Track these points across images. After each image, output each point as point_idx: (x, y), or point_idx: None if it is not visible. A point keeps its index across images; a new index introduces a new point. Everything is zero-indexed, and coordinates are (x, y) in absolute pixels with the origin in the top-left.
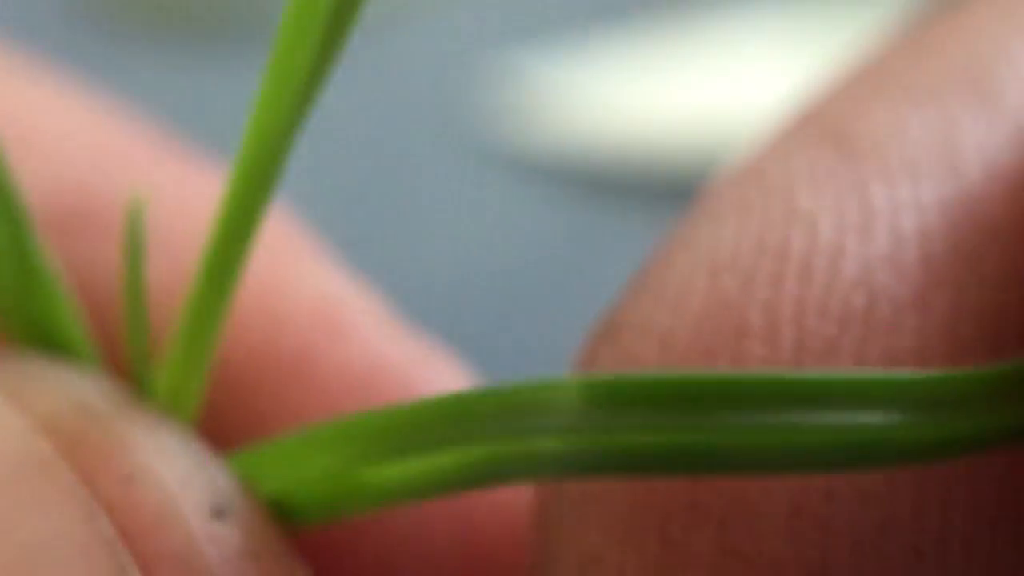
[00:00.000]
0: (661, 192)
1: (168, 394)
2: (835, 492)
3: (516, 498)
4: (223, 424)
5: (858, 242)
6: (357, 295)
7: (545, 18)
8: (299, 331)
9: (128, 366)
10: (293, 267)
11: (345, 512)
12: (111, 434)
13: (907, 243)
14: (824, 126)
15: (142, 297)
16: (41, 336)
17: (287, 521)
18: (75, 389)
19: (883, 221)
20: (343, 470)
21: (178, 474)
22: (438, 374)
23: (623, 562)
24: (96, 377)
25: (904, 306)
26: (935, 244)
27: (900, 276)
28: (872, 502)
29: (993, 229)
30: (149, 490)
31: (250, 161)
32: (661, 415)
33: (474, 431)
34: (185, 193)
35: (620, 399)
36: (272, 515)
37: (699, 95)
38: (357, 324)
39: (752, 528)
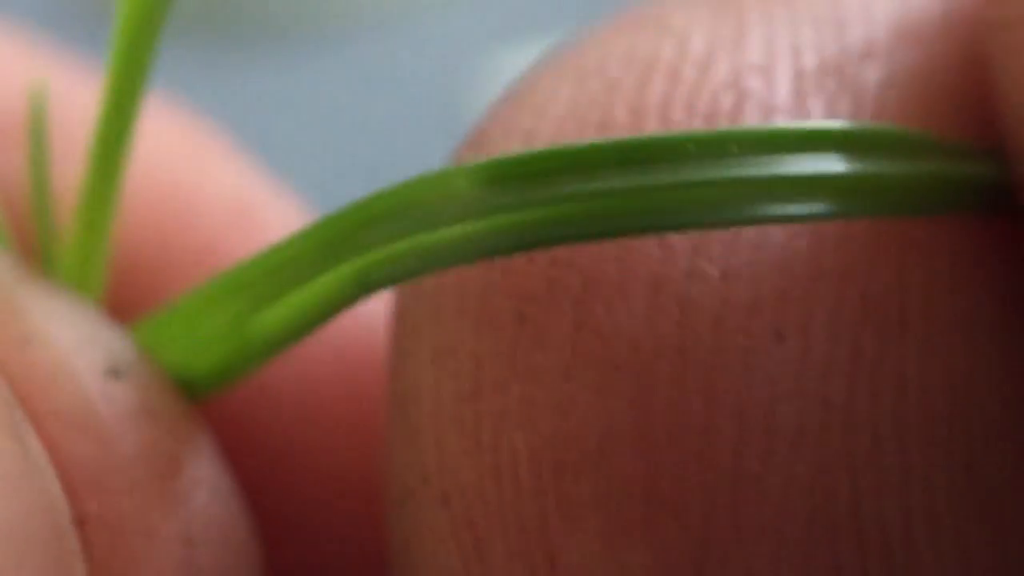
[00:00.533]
0: None
1: (72, 272)
2: (697, 271)
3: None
4: (133, 312)
5: (730, 52)
6: (271, 193)
7: (538, 20)
8: (211, 224)
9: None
10: (208, 164)
11: (248, 365)
12: (8, 300)
13: (780, 55)
14: None
15: (46, 181)
16: None
17: (188, 393)
18: None
19: (756, 34)
20: (237, 323)
21: (73, 336)
22: None
23: (477, 348)
24: (1, 254)
25: (775, 110)
26: (808, 58)
27: (771, 83)
28: (736, 282)
29: (867, 52)
30: (44, 351)
31: (124, 48)
32: (555, 185)
33: (369, 238)
34: (86, 101)
35: (510, 176)
36: (170, 380)
37: None
38: (268, 219)
39: (610, 305)
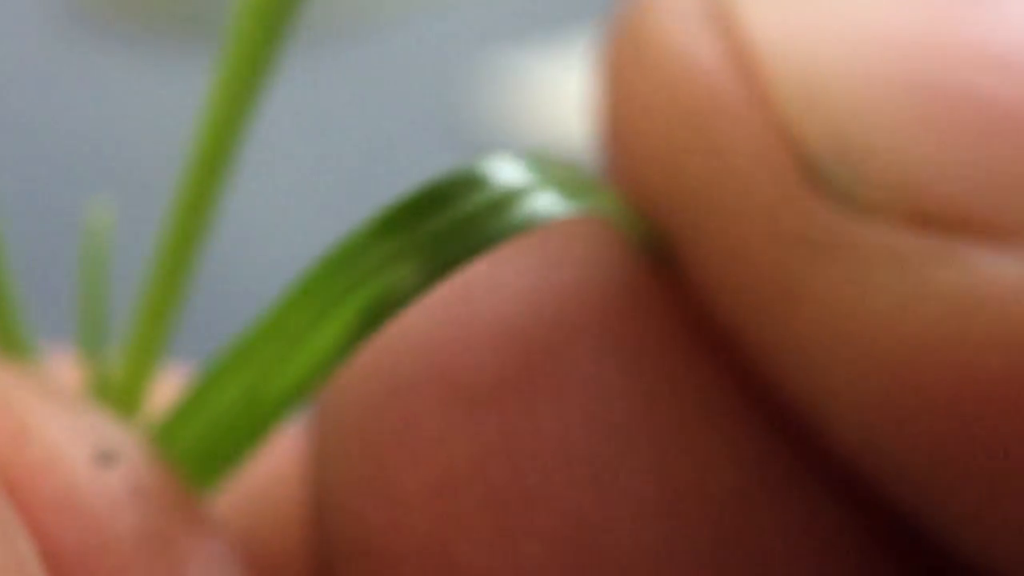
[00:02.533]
0: None
1: (118, 389)
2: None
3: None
4: None
5: None
6: None
7: (536, 17)
8: None
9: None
10: None
11: (258, 435)
12: (5, 398)
13: None
14: None
15: (103, 299)
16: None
17: (204, 473)
18: None
19: None
20: (247, 394)
21: (64, 426)
22: None
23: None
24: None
25: None
26: None
27: None
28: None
29: None
30: (35, 441)
31: (202, 156)
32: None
33: (351, 281)
34: None
35: (390, 226)
36: (168, 463)
37: None
38: None
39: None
